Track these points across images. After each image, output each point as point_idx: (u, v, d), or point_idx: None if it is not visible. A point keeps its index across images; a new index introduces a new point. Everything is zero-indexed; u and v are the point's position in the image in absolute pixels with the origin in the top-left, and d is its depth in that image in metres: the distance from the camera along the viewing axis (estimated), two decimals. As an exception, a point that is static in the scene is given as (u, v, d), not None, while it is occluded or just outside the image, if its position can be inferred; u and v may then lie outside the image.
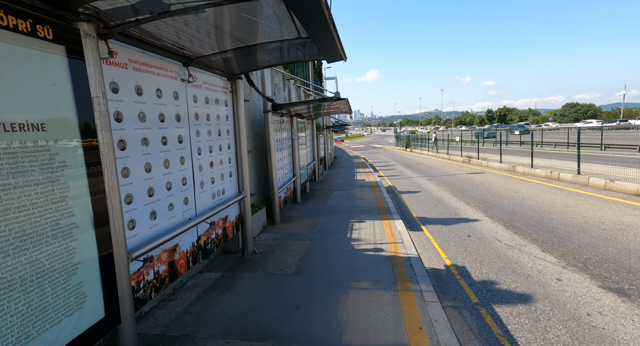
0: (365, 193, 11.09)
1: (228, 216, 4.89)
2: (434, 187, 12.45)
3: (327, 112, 12.61)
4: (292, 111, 8.63)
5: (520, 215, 7.82)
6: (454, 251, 5.78)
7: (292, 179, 9.32)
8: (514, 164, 15.23)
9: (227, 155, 4.89)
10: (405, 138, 36.29)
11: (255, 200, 7.31)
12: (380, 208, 8.65)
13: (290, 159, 9.54)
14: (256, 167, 7.49)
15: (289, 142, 9.29)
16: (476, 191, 11.16)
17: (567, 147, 22.40)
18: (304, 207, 9.11)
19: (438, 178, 14.77)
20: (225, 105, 4.85)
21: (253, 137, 7.36)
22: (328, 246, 5.74)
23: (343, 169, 19.10)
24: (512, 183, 12.31)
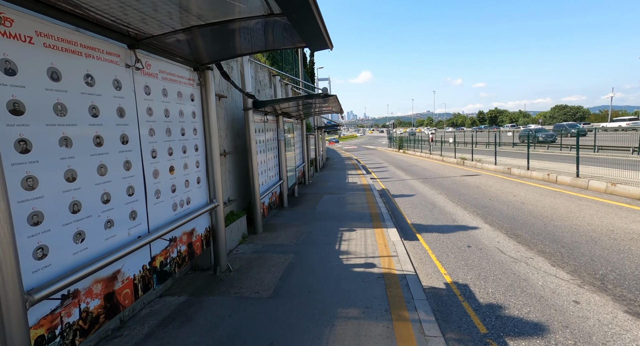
0: (357, 196, 10.44)
1: (195, 230, 4.17)
2: (429, 190, 11.87)
3: (317, 112, 11.95)
4: (278, 109, 7.93)
5: (521, 222, 7.25)
6: (454, 265, 5.15)
7: (278, 183, 8.63)
8: (509, 166, 14.76)
9: (194, 158, 4.18)
10: (398, 139, 35.81)
11: (236, 207, 6.59)
12: (372, 214, 8.00)
13: (277, 162, 8.84)
14: (237, 171, 6.78)
15: (274, 143, 8.59)
16: (472, 194, 10.60)
17: (560, 149, 22.12)
18: (291, 213, 8.41)
19: (432, 180, 14.21)
20: (192, 100, 4.14)
21: (232, 138, 6.64)
22: (313, 261, 5.06)
23: (335, 171, 18.46)
24: (509, 185, 11.80)
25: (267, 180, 7.77)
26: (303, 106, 8.52)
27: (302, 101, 6.79)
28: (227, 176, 6.23)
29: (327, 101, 6.78)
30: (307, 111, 10.69)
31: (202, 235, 4.36)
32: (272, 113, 8.24)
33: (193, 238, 4.13)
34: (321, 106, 9.07)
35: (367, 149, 44.27)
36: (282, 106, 7.68)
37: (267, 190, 7.56)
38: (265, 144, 7.73)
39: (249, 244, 5.93)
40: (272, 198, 8.26)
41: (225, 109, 6.17)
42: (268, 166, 7.98)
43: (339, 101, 7.44)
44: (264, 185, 7.43)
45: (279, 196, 8.91)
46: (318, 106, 9.13)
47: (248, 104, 6.20)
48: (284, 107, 8.04)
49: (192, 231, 4.09)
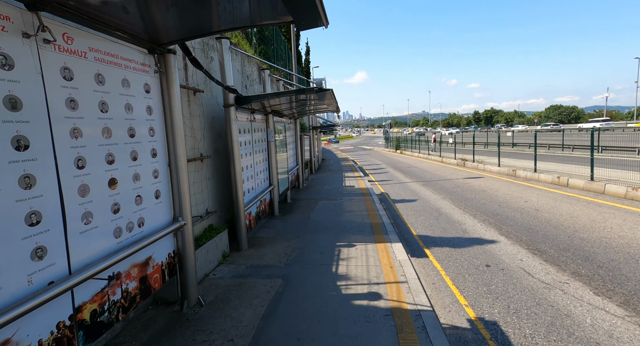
0: (355, 202, 9.52)
1: (152, 258, 3.22)
2: (431, 194, 10.99)
3: (312, 111, 11.02)
4: (267, 106, 6.99)
5: (541, 233, 6.38)
6: (475, 291, 4.25)
7: (267, 189, 7.68)
8: (514, 168, 13.95)
9: (151, 166, 3.22)
10: (395, 140, 34.96)
11: (216, 220, 5.64)
12: (373, 224, 7.09)
13: (266, 165, 7.89)
14: (218, 177, 5.82)
15: (263, 145, 7.64)
16: (479, 199, 9.74)
17: (562, 149, 21.40)
18: (282, 223, 7.46)
19: (434, 183, 13.35)
20: (146, 91, 3.19)
21: (212, 139, 5.68)
22: (305, 289, 4.13)
23: (331, 173, 17.54)
24: (517, 189, 10.96)
25: (254, 186, 6.82)
26: (296, 103, 7.59)
27: (294, 96, 5.86)
28: (206, 184, 5.28)
29: (322, 98, 5.86)
30: (301, 109, 9.75)
31: (163, 263, 3.40)
32: (260, 111, 7.29)
33: (149, 270, 3.17)
34: (316, 104, 8.15)
35: (364, 149, 43.41)
36: (272, 103, 6.74)
37: (254, 198, 6.61)
38: (253, 146, 6.78)
39: (230, 266, 4.98)
40: (261, 206, 7.32)
41: (201, 105, 5.22)
42: (256, 170, 7.04)
43: (335, 97, 6.52)
44: (250, 193, 6.48)
45: (268, 203, 7.97)
46: (313, 104, 8.21)
47: (229, 100, 5.25)
48: (274, 105, 7.10)
49: (147, 260, 3.14)
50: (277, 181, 8.28)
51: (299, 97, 6.08)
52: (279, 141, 8.98)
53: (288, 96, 5.73)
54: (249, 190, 6.43)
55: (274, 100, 6.11)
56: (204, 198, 5.19)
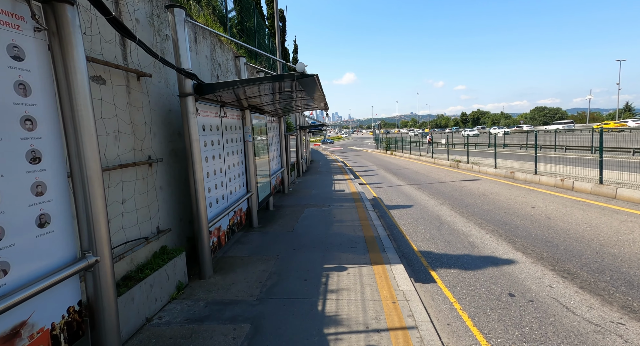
0: (346, 210, 8.42)
1: (28, 323, 2.03)
2: (428, 199, 9.99)
3: (299, 107, 9.88)
4: (243, 98, 5.81)
5: (562, 248, 5.41)
6: (506, 338, 3.19)
7: (244, 197, 6.50)
8: (512, 170, 13.12)
9: (28, 178, 2.03)
10: (386, 140, 34.09)
11: (173, 239, 4.44)
12: (367, 238, 6.00)
13: (242, 169, 6.72)
14: (177, 185, 4.63)
15: (238, 146, 6.47)
16: (481, 205, 8.78)
17: (555, 150, 20.85)
18: (261, 238, 6.30)
19: (428, 186, 12.39)
20: (16, 58, 1.99)
21: (168, 138, 4.49)
22: (281, 342, 2.99)
23: (319, 175, 16.42)
24: (519, 193, 10.07)
25: (226, 195, 5.64)
26: (279, 96, 6.44)
27: (271, 86, 4.71)
28: (156, 195, 4.08)
29: (306, 87, 4.73)
30: (286, 105, 8.61)
31: (55, 326, 2.21)
32: (234, 105, 6.11)
33: (23, 342, 1.98)
34: (302, 98, 7.02)
35: (353, 150, 42.47)
36: (249, 95, 5.57)
37: (226, 209, 5.43)
38: (224, 147, 5.60)
39: (184, 302, 3.79)
40: (236, 217, 6.14)
41: (148, 94, 4.01)
42: (229, 175, 5.86)
43: (322, 89, 5.39)
44: (220, 203, 5.30)
45: (245, 213, 6.79)
46: (299, 98, 7.09)
47: (186, 88, 4.07)
48: (252, 98, 5.94)
49: (16, 329, 1.94)
50: (256, 188, 7.11)
51: (279, 87, 4.93)
52: (260, 141, 7.82)
53: (265, 85, 4.58)
54: (218, 200, 5.24)
55: (250, 90, 4.95)
56: (153, 213, 3.99)
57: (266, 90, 5.04)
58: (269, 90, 5.23)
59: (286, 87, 4.94)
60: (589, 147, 18.23)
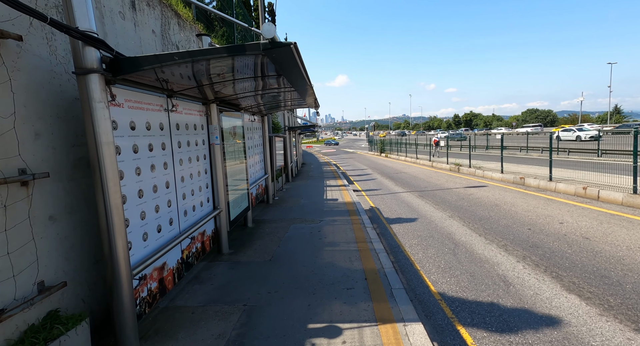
0: (340, 226, 6.93)
1: None
2: (433, 210, 8.57)
3: (289, 104, 8.37)
4: (206, 87, 4.28)
5: (629, 288, 4.00)
6: None
7: (209, 217, 4.96)
8: (522, 175, 11.81)
9: None
10: (380, 142, 32.75)
11: (75, 297, 2.88)
12: (367, 273, 4.51)
13: (207, 180, 5.18)
14: (87, 212, 3.07)
15: (201, 150, 4.93)
16: (497, 219, 7.38)
17: (558, 153, 19.70)
18: (227, 272, 4.75)
19: (431, 193, 10.98)
20: None
21: (70, 140, 2.93)
22: None
23: (310, 180, 14.91)
24: (537, 204, 8.71)
25: (177, 218, 4.09)
26: (256, 86, 4.93)
27: (230, 62, 3.19)
28: (41, 231, 2.53)
29: (279, 64, 3.22)
30: (270, 100, 7.10)
31: None
32: (192, 97, 4.58)
33: None
34: (285, 90, 5.53)
35: (347, 152, 41.03)
36: (206, 80, 4.04)
37: (173, 239, 3.87)
38: (173, 153, 4.06)
39: None
40: (194, 244, 4.59)
41: (19, 68, 2.46)
42: (185, 190, 4.33)
43: (305, 70, 3.81)
44: (161, 233, 3.74)
45: (212, 236, 5.24)
46: (283, 90, 5.60)
47: (86, 61, 2.52)
48: (217, 85, 4.41)
49: None
50: (226, 203, 5.56)
51: (245, 66, 3.41)
52: (234, 144, 6.28)
53: (219, 62, 3.05)
54: (161, 227, 3.70)
55: (204, 71, 3.42)
56: (27, 262, 2.43)
57: (226, 70, 3.50)
58: (235, 72, 3.70)
59: (251, 66, 3.42)
60: (595, 151, 17.13)
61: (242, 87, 4.75)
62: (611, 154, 16.50)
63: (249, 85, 4.59)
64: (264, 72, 3.79)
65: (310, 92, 5.57)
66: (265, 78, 4.26)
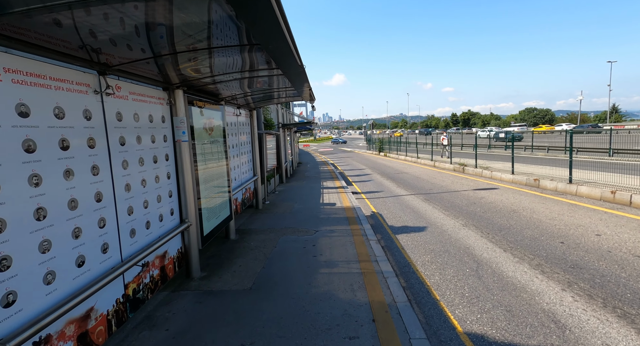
0: (338, 239, 5.83)
1: None
2: (443, 217, 7.50)
3: (277, 92, 7.25)
4: (169, 69, 3.15)
5: None
6: None
7: (173, 232, 3.84)
8: (536, 177, 10.76)
9: None
10: (379, 141, 31.65)
11: None
12: (375, 309, 3.41)
13: (172, 188, 4.04)
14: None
15: (160, 148, 3.79)
16: (520, 229, 6.32)
17: (565, 152, 18.71)
18: (191, 309, 3.62)
19: (437, 196, 9.91)
20: None
21: None
22: None
23: (306, 182, 13.79)
24: (560, 210, 7.66)
25: (122, 241, 2.96)
26: (235, 64, 3.80)
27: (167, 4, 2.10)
28: None
29: (250, 20, 2.12)
30: (259, 89, 5.99)
31: None
32: (141, 78, 3.43)
33: None
34: (272, 72, 4.43)
35: (344, 151, 39.91)
36: (182, 61, 2.92)
37: (104, 276, 2.74)
38: (111, 152, 2.92)
39: None
40: (149, 272, 3.47)
41: None
42: (134, 201, 3.21)
43: (291, 34, 2.66)
44: (91, 266, 2.61)
45: (176, 259, 4.11)
46: (268, 72, 4.51)
47: None
48: (184, 60, 3.27)
49: None
50: (197, 214, 4.43)
51: (219, 36, 2.30)
52: (211, 141, 5.15)
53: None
54: (81, 262, 2.57)
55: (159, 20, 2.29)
56: None
57: (182, 33, 2.37)
58: (195, 34, 2.57)
59: (221, 27, 2.29)
60: (606, 149, 16.17)
61: (218, 66, 3.62)
62: (623, 154, 15.54)
63: (223, 61, 3.45)
64: (241, 41, 2.67)
65: (303, 78, 4.46)
66: (245, 54, 3.14)
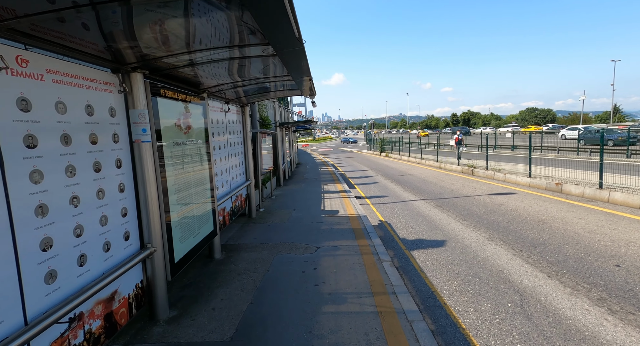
0: (344, 260, 4.80)
1: None
2: (462, 228, 6.48)
3: (273, 82, 6.20)
4: (118, 39, 2.12)
5: None
6: None
7: (128, 263, 2.80)
8: (558, 181, 9.75)
9: None
10: (380, 141, 30.59)
11: None
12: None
13: (126, 204, 3.00)
14: None
15: (107, 152, 2.75)
16: (558, 245, 5.30)
17: (578, 154, 17.73)
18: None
19: (449, 202, 8.90)
20: None
21: None
22: None
23: (306, 185, 12.76)
24: (597, 221, 6.65)
25: (36, 290, 1.91)
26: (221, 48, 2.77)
27: None
28: None
29: None
30: (252, 82, 4.95)
31: None
32: (73, 51, 2.38)
33: None
34: (267, 57, 3.41)
35: (344, 151, 38.85)
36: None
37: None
38: (4, 162, 1.88)
39: None
40: (88, 324, 2.41)
41: None
42: (58, 230, 2.15)
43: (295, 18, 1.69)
44: None
45: (134, 298, 3.06)
46: (273, 68, 3.49)
47: None
48: (141, 25, 2.23)
49: None
50: (164, 239, 3.38)
51: None
52: (186, 140, 4.10)
53: None
54: None
55: None
56: None
57: None
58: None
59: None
60: (623, 151, 15.17)
61: (186, 38, 2.58)
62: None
63: (193, 30, 2.41)
64: None
65: (301, 61, 3.42)
66: (221, 18, 2.10)
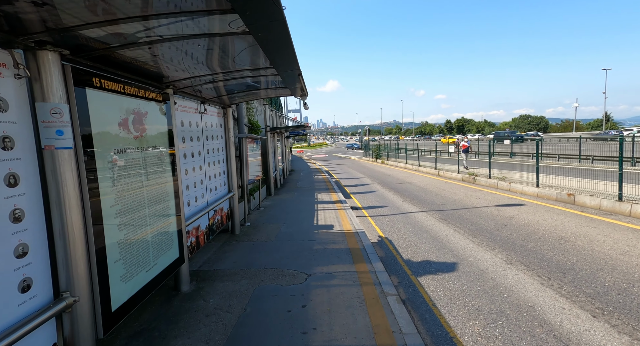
0: (339, 292, 3.89)
1: None
2: (474, 247, 5.64)
3: (261, 78, 5.33)
4: None
5: None
6: None
7: (28, 324, 1.87)
8: (570, 191, 9.01)
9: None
10: (376, 148, 29.89)
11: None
12: None
13: (31, 239, 2.07)
14: None
15: (20, 164, 1.84)
16: (591, 271, 4.48)
17: (580, 161, 17.13)
18: None
19: (454, 214, 8.07)
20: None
21: None
22: None
23: (298, 194, 11.84)
24: (625, 239, 5.87)
25: None
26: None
27: None
28: None
29: None
30: (232, 76, 4.07)
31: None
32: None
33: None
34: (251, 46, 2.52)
35: (339, 158, 38.03)
36: None
37: None
38: None
39: None
40: None
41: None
42: None
43: None
44: None
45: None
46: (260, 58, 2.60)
47: None
48: None
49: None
50: (91, 282, 2.45)
51: None
52: (136, 149, 3.19)
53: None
54: None
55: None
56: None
57: None
58: None
59: None
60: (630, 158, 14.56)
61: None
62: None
63: None
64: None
65: (287, 49, 2.57)
66: None
